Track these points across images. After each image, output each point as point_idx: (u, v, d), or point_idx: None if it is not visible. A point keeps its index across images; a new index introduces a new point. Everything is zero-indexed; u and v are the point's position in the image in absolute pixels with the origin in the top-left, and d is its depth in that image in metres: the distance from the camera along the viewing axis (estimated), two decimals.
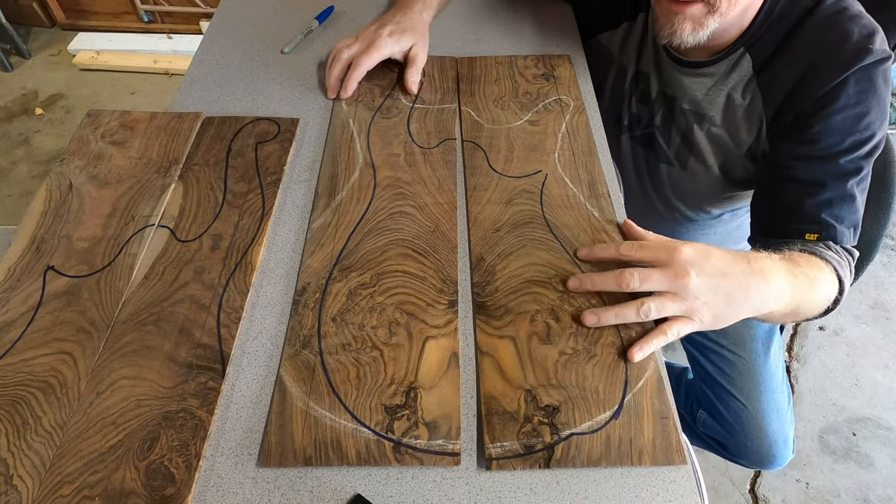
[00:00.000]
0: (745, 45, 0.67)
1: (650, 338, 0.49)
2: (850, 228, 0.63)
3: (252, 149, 0.65)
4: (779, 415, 0.85)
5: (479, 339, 0.51)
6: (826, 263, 0.60)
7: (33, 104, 2.11)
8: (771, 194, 0.67)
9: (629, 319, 0.50)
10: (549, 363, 0.49)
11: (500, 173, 0.64)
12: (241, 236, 0.57)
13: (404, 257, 0.56)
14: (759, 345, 0.87)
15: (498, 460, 0.44)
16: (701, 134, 0.75)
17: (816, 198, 0.62)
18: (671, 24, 0.63)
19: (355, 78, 0.71)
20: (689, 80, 0.73)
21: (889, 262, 1.66)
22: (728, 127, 0.72)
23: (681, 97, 0.75)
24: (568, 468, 0.44)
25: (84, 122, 0.68)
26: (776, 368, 0.87)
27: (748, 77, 0.68)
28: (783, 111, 0.66)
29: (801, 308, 0.58)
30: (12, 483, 0.42)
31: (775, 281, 0.53)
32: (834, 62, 0.62)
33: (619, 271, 0.51)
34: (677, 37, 0.64)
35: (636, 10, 0.76)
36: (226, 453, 0.45)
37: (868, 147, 0.62)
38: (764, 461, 0.86)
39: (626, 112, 0.82)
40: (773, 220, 0.66)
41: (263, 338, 0.51)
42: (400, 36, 0.72)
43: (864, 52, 0.60)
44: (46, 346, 0.49)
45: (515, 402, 0.47)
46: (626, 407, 0.46)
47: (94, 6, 2.28)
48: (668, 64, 0.74)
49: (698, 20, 0.62)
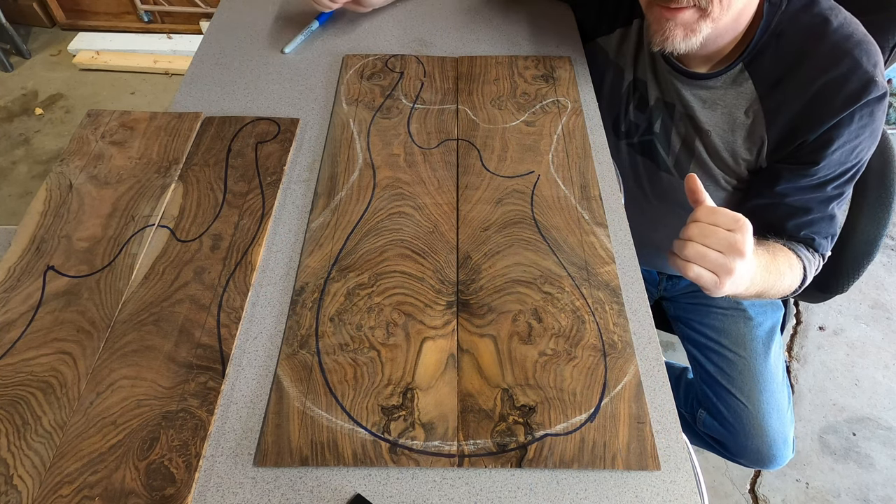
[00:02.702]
0: (744, 61, 0.67)
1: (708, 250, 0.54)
2: (826, 239, 0.70)
3: (252, 149, 0.65)
4: (779, 414, 0.85)
5: (461, 337, 0.51)
6: (798, 260, 0.68)
7: (33, 104, 2.11)
8: (758, 204, 0.71)
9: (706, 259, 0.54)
10: (529, 363, 0.49)
11: (493, 173, 0.64)
12: (241, 236, 0.57)
13: (403, 258, 0.56)
14: (759, 345, 0.87)
15: (470, 457, 0.44)
16: (700, 145, 0.75)
17: (800, 220, 0.68)
18: (663, 30, 0.63)
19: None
20: (687, 91, 0.72)
21: (889, 262, 1.66)
22: (727, 143, 0.72)
23: (679, 106, 0.74)
24: (540, 468, 0.44)
25: (84, 122, 0.68)
26: (776, 368, 0.87)
27: (752, 98, 0.68)
28: (787, 137, 0.67)
29: (764, 294, 0.65)
30: (12, 483, 0.42)
31: (755, 271, 0.59)
32: (843, 93, 0.62)
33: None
34: (669, 43, 0.63)
35: (631, 16, 0.75)
36: (226, 453, 0.45)
37: (853, 172, 0.67)
38: (764, 461, 0.86)
39: (624, 118, 0.81)
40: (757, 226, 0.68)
41: (264, 338, 0.51)
42: None
43: (871, 85, 0.61)
44: (46, 346, 0.49)
45: (492, 400, 0.47)
46: (603, 410, 0.46)
47: (94, 6, 2.28)
48: (667, 71, 0.73)
49: (690, 26, 0.61)
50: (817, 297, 0.98)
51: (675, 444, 0.46)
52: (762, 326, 0.88)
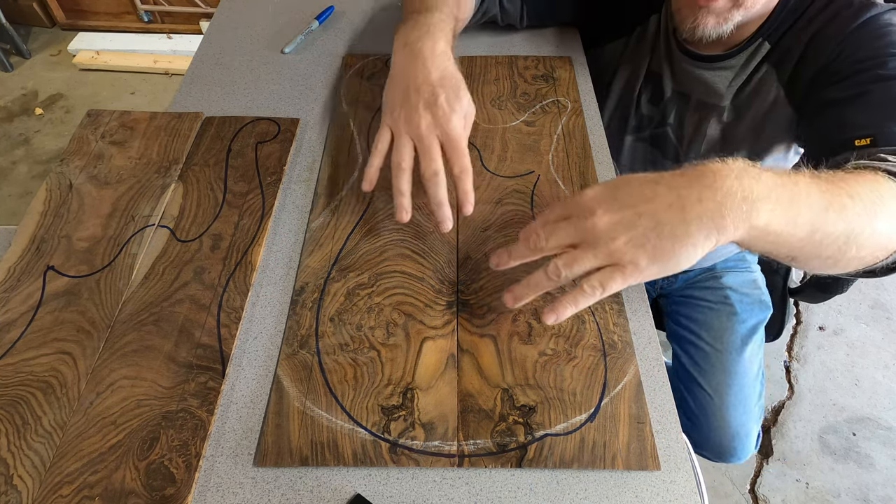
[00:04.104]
0: (763, 36, 0.67)
1: (569, 296, 0.41)
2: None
3: (252, 149, 0.65)
4: (744, 409, 0.85)
5: (461, 337, 0.51)
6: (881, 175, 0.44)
7: (33, 104, 2.11)
8: (814, 130, 0.61)
9: (542, 287, 0.43)
10: (529, 363, 0.49)
11: (493, 173, 0.64)
12: (241, 236, 0.57)
13: (403, 258, 0.56)
14: (737, 339, 0.87)
15: (470, 457, 0.44)
16: (715, 125, 0.75)
17: (862, 104, 0.54)
18: (694, 17, 0.63)
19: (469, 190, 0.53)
20: (709, 73, 0.72)
21: None
22: (739, 109, 0.72)
23: (696, 93, 0.75)
24: (540, 468, 0.44)
25: (84, 122, 0.68)
26: (751, 364, 0.87)
27: (761, 58, 0.69)
28: (798, 76, 0.65)
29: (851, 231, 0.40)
30: (12, 483, 0.42)
31: (739, 179, 0.38)
32: (839, 21, 0.61)
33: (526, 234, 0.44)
34: (700, 30, 0.63)
35: (649, 11, 0.76)
36: (226, 453, 0.45)
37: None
38: (725, 454, 0.86)
39: (635, 113, 0.82)
40: (816, 149, 0.58)
41: (264, 337, 0.51)
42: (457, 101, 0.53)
43: (867, 7, 0.60)
44: (46, 346, 0.49)
45: (492, 400, 0.47)
46: (603, 410, 0.46)
47: (94, 6, 2.28)
48: (683, 60, 0.74)
49: (723, 14, 0.62)
50: (817, 297, 0.98)
51: (675, 444, 0.46)
52: (745, 323, 0.88)
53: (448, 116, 0.51)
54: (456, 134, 0.51)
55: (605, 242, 0.39)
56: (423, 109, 0.52)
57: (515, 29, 0.82)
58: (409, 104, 0.53)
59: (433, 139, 0.52)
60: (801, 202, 0.39)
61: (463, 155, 0.52)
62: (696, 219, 0.38)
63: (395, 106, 0.54)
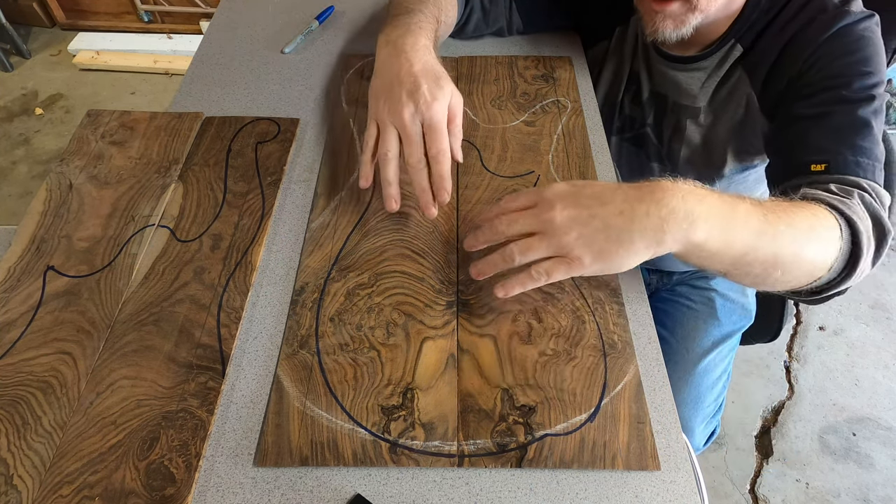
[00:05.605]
0: (734, 37, 0.68)
1: (518, 277, 0.47)
2: (866, 159, 0.52)
3: (252, 149, 0.65)
4: (695, 407, 0.84)
5: (461, 337, 0.51)
6: (822, 206, 0.48)
7: (33, 104, 2.11)
8: (778, 144, 0.62)
9: (498, 266, 0.48)
10: (529, 363, 0.49)
11: (493, 173, 0.64)
12: (241, 236, 0.57)
13: (403, 258, 0.56)
14: (707, 342, 0.87)
15: (470, 457, 0.44)
16: (694, 128, 0.76)
17: (824, 126, 0.55)
18: (653, 22, 0.64)
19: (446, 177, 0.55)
20: (683, 75, 0.73)
21: (889, 263, 1.66)
22: (716, 112, 0.73)
23: (672, 94, 0.75)
24: (540, 468, 0.44)
25: (84, 122, 0.68)
26: (714, 367, 0.86)
27: (734, 60, 0.69)
28: (771, 82, 0.66)
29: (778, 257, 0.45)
30: (12, 483, 0.42)
31: (684, 199, 0.42)
32: (812, 29, 0.61)
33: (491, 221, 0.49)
34: (660, 34, 0.65)
35: (628, 13, 0.77)
36: (226, 453, 0.45)
37: (874, 80, 0.56)
38: None
39: (619, 115, 0.83)
40: (778, 163, 0.60)
41: (264, 337, 0.51)
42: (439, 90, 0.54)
43: (842, 15, 0.60)
44: (46, 346, 0.49)
45: (492, 400, 0.47)
46: (603, 410, 0.46)
47: (94, 6, 2.28)
48: (659, 62, 0.75)
49: (679, 18, 0.63)
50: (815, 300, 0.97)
51: (675, 444, 0.46)
52: (721, 328, 0.88)
53: (430, 104, 0.53)
54: (437, 119, 0.53)
55: (558, 236, 0.44)
56: (405, 99, 0.53)
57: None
58: (392, 95, 0.54)
59: (416, 127, 0.53)
60: (738, 225, 0.44)
61: (441, 138, 0.53)
62: (640, 230, 0.43)
63: (379, 98, 0.56)
